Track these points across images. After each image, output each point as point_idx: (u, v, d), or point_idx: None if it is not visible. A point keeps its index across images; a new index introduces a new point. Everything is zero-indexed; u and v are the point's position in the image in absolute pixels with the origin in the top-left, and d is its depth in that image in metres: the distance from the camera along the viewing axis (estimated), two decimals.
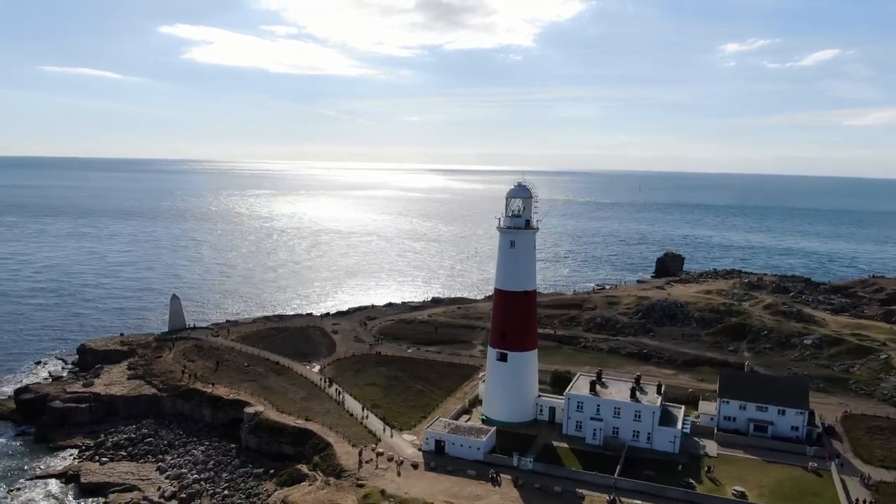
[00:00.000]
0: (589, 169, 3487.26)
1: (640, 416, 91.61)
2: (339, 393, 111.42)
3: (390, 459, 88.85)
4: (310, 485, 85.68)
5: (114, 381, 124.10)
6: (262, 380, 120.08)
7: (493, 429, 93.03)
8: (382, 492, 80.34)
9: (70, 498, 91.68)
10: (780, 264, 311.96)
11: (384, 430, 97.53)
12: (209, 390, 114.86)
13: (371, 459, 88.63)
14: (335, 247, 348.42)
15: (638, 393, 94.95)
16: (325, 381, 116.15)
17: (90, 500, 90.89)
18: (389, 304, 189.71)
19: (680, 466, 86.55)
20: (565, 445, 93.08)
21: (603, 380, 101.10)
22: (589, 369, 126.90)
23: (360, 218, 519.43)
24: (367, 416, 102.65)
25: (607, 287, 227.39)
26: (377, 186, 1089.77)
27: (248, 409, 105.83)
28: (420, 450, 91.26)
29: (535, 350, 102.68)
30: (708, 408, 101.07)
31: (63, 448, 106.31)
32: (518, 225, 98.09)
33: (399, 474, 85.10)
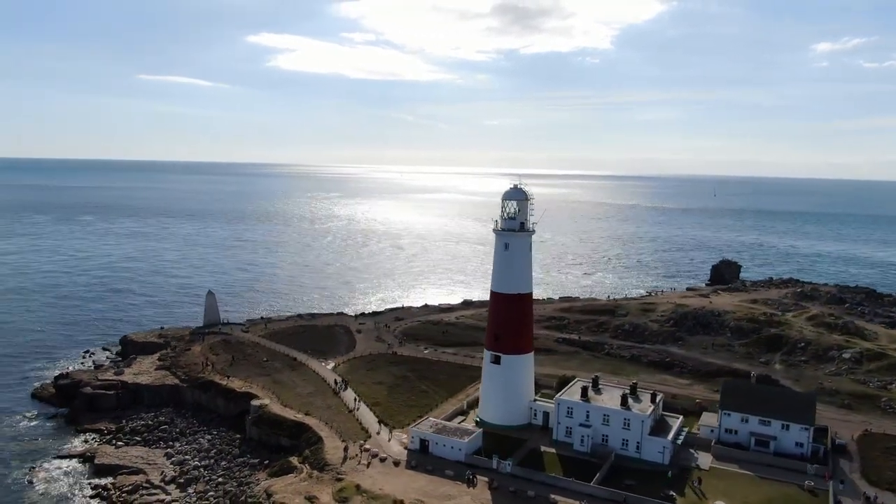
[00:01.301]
0: (666, 173, 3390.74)
1: (629, 425, 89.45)
2: (339, 384, 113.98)
3: (374, 456, 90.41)
4: (296, 477, 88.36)
5: (143, 371, 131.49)
6: (275, 374, 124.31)
7: (479, 431, 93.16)
8: (357, 486, 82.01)
9: (83, 477, 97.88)
10: (845, 274, 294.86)
11: (381, 428, 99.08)
12: (224, 382, 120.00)
13: (357, 455, 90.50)
14: (385, 248, 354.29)
15: (630, 400, 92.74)
16: (339, 383, 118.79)
17: (100, 479, 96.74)
18: (425, 306, 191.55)
19: (669, 474, 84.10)
20: (553, 451, 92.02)
21: (599, 386, 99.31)
22: (600, 375, 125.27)
23: (416, 220, 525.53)
24: (358, 408, 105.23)
25: (654, 294, 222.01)
26: (441, 190, 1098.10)
27: (255, 402, 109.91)
28: (406, 448, 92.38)
29: (531, 353, 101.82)
30: (710, 419, 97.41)
31: (88, 431, 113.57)
32: (512, 227, 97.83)
33: (379, 471, 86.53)
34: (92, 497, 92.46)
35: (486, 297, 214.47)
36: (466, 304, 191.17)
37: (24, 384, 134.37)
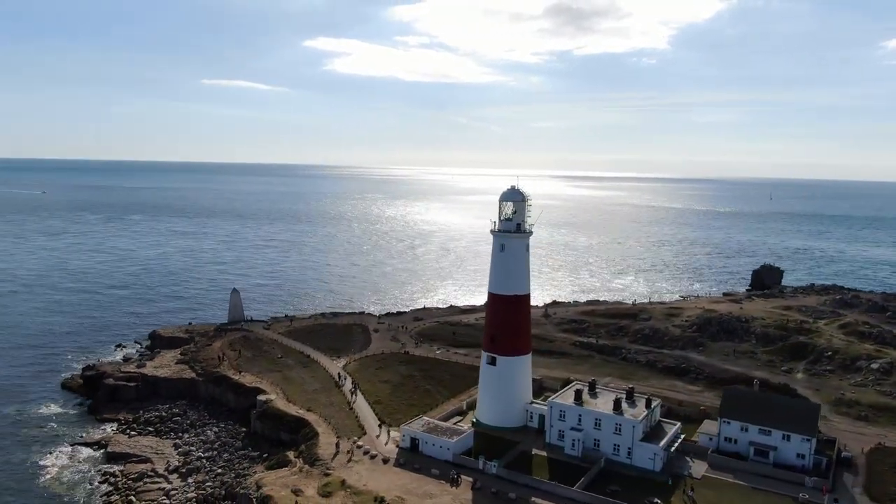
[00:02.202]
0: (724, 176, 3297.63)
1: (620, 430, 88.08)
2: (341, 377, 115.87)
3: (365, 453, 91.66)
4: (289, 470, 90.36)
5: (163, 365, 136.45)
6: (286, 371, 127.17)
7: (469, 431, 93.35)
8: (343, 482, 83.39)
9: (95, 464, 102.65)
10: (894, 280, 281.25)
11: (380, 426, 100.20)
12: (236, 377, 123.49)
13: (348, 451, 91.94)
14: (425, 249, 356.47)
15: (624, 405, 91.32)
16: (342, 377, 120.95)
17: (110, 466, 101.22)
18: (450, 307, 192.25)
19: (669, 482, 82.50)
20: (544, 454, 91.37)
21: (596, 390, 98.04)
22: (610, 380, 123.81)
23: (457, 222, 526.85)
24: (354, 400, 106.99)
25: (687, 299, 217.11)
26: (488, 191, 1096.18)
27: (261, 397, 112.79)
28: (398, 446, 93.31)
29: (528, 356, 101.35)
30: (710, 427, 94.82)
31: (108, 420, 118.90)
32: (508, 228, 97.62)
33: (367, 467, 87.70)
34: (100, 483, 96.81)
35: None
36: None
37: (56, 374, 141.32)
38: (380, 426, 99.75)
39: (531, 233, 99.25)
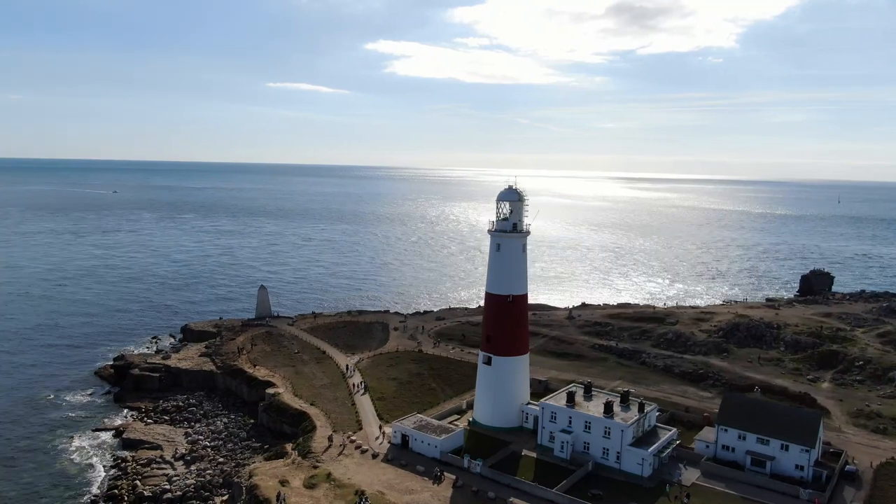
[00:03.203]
0: (794, 179, 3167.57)
1: (609, 433, 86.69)
2: (349, 369, 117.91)
3: (357, 448, 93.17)
4: (283, 461, 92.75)
5: (187, 357, 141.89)
6: (300, 366, 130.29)
7: (459, 430, 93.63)
8: (328, 475, 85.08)
9: (110, 449, 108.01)
10: None
11: (379, 422, 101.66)
12: (250, 371, 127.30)
13: (340, 445, 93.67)
14: (463, 249, 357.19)
15: (616, 408, 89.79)
16: (350, 368, 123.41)
17: (123, 452, 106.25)
18: (478, 308, 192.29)
19: (668, 488, 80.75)
20: (534, 455, 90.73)
21: (592, 392, 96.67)
22: (620, 383, 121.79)
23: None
24: (360, 391, 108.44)
25: (727, 303, 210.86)
26: (538, 193, 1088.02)
27: (269, 390, 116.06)
28: (390, 442, 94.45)
29: (524, 356, 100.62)
30: (709, 434, 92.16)
31: (130, 408, 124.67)
32: (504, 228, 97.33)
33: (356, 462, 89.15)
34: (111, 467, 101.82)
35: (539, 298, 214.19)
36: None
37: (91, 363, 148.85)
38: (383, 424, 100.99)
39: (528, 233, 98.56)
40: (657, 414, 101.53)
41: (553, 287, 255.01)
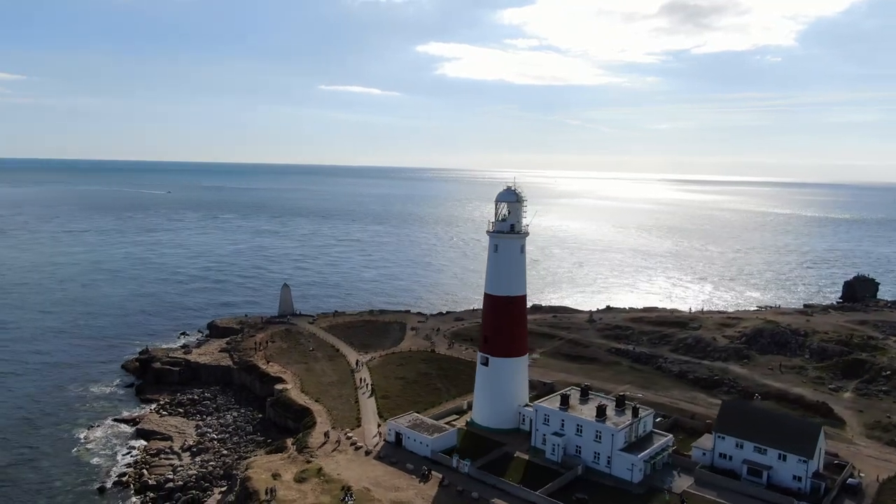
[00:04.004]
0: (858, 181, 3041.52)
1: (600, 437, 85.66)
2: (358, 364, 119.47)
3: (352, 445, 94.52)
4: (280, 456, 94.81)
5: (207, 352, 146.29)
6: (312, 363, 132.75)
7: (452, 430, 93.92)
8: (319, 469, 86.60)
9: (125, 439, 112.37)
10: None
11: (379, 420, 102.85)
12: (264, 367, 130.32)
13: (336, 441, 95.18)
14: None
15: (609, 412, 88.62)
16: (359, 363, 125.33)
17: (136, 442, 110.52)
18: None
19: (667, 496, 79.41)
20: (526, 457, 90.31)
21: (589, 395, 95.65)
22: (628, 388, 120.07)
23: (543, 225, 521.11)
24: (364, 389, 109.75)
25: (764, 309, 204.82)
26: (581, 195, 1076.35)
27: (278, 386, 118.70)
28: (384, 440, 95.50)
29: (522, 357, 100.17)
30: (707, 442, 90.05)
31: (149, 401, 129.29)
32: (502, 229, 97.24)
33: (349, 458, 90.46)
34: (123, 456, 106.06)
35: (566, 301, 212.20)
36: (535, 308, 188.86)
37: (119, 356, 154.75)
38: (378, 423, 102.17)
39: (527, 234, 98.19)
40: (658, 419, 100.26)
41: (581, 290, 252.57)
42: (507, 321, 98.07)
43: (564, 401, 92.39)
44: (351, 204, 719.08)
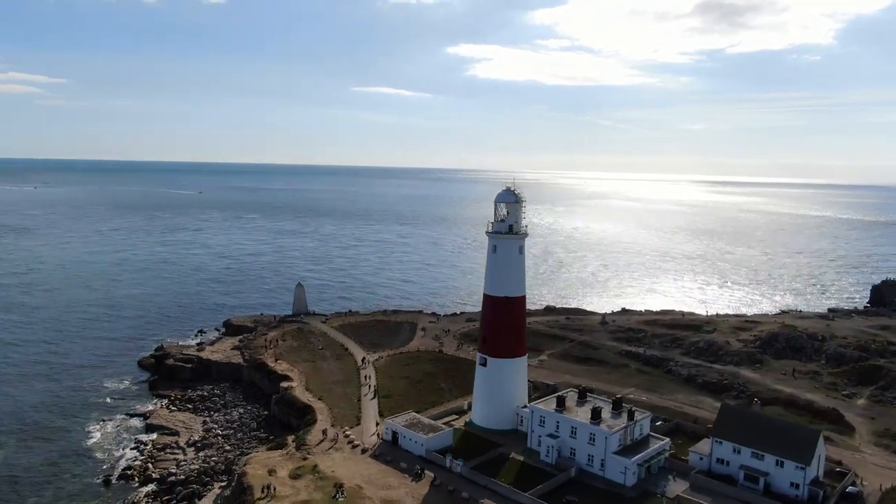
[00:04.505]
0: None
1: (594, 440, 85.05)
2: (365, 361, 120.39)
3: (349, 443, 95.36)
4: (279, 452, 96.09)
5: (220, 350, 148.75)
6: (320, 361, 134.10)
7: (448, 430, 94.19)
8: (315, 467, 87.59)
9: (134, 433, 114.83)
10: None
11: (378, 418, 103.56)
12: (272, 365, 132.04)
13: (333, 439, 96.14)
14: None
15: (604, 415, 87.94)
16: (365, 361, 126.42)
17: (144, 436, 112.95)
18: None
19: (664, 502, 78.64)
20: (521, 458, 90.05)
21: (587, 398, 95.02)
22: (633, 391, 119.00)
23: (568, 226, 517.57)
24: (368, 386, 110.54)
25: (790, 313, 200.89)
26: (609, 196, 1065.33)
27: (283, 384, 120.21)
28: (381, 438, 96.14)
29: (520, 359, 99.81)
30: (705, 447, 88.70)
31: (161, 396, 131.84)
32: (500, 230, 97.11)
33: (345, 456, 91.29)
34: (131, 449, 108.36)
35: (583, 303, 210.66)
36: (549, 309, 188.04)
37: (137, 352, 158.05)
38: (377, 422, 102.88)
39: (526, 234, 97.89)
40: (659, 423, 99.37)
41: (599, 292, 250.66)
42: (505, 322, 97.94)
43: (560, 402, 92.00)
44: (376, 204, 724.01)
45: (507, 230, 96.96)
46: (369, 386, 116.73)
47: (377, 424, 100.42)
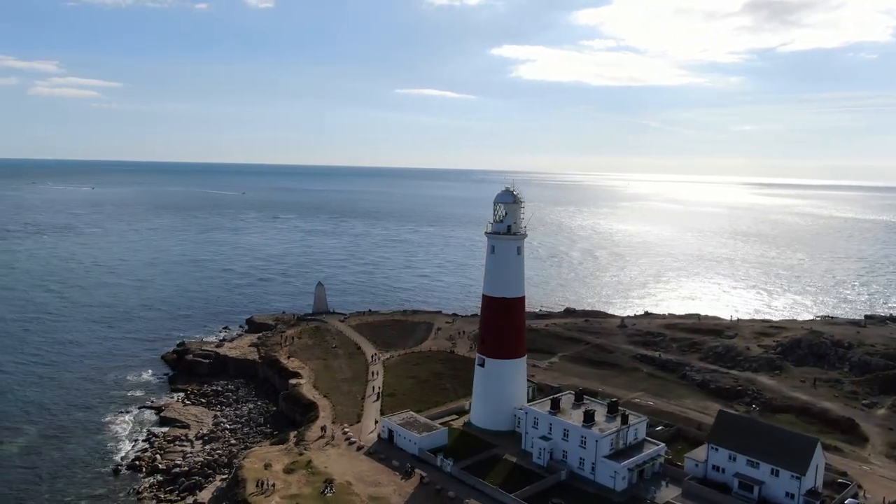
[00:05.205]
0: None
1: (585, 443, 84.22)
2: (374, 357, 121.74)
3: (347, 440, 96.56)
4: (278, 447, 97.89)
5: (238, 347, 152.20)
6: (331, 359, 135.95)
7: (443, 429, 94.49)
8: (309, 462, 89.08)
9: (148, 425, 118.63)
10: None
11: (379, 417, 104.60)
12: (284, 362, 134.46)
13: (331, 436, 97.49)
14: (556, 254, 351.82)
15: (597, 418, 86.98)
16: (375, 357, 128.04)
17: (157, 428, 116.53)
18: (529, 312, 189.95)
19: None
20: (514, 460, 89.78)
21: (583, 400, 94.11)
22: (641, 395, 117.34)
23: (603, 228, 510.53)
24: (371, 382, 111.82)
25: (824, 319, 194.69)
26: (650, 198, 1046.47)
27: (292, 381, 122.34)
28: (378, 436, 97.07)
29: (519, 360, 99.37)
30: (701, 454, 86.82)
31: (178, 390, 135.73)
32: (498, 230, 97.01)
33: (340, 452, 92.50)
34: (143, 441, 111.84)
35: (603, 305, 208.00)
36: (568, 311, 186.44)
37: (161, 348, 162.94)
38: (375, 420, 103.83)
39: (524, 235, 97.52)
40: (659, 428, 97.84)
41: (621, 294, 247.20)
42: (503, 323, 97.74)
43: (555, 404, 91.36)
44: (412, 205, 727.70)
45: (506, 231, 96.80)
46: (373, 387, 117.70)
47: (375, 423, 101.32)
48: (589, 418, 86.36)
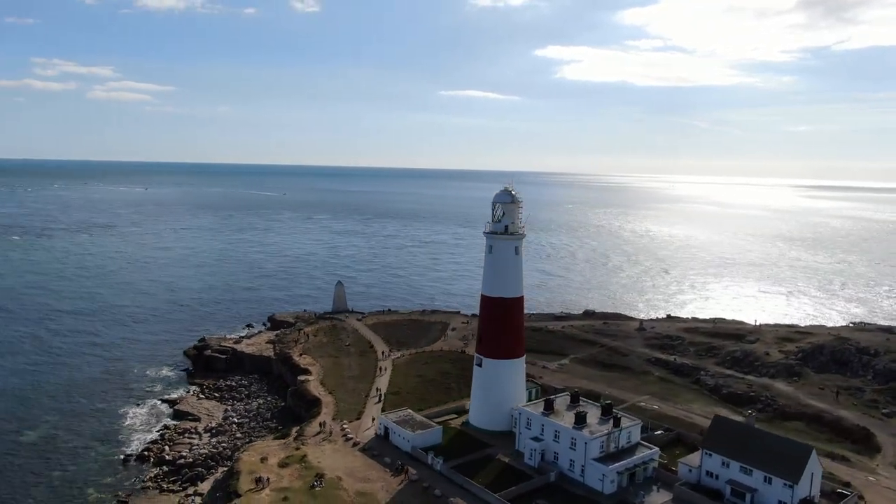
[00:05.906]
0: None
1: (574, 445, 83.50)
2: (385, 354, 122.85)
3: (344, 436, 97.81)
4: (278, 442, 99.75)
5: (255, 343, 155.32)
6: (342, 357, 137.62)
7: (438, 428, 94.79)
8: (303, 457, 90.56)
9: (161, 417, 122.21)
10: None
11: (379, 414, 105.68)
12: (296, 359, 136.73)
13: (329, 432, 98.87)
14: (594, 257, 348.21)
15: (589, 419, 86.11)
16: (385, 354, 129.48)
17: (170, 421, 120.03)
18: (548, 314, 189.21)
19: None
20: (506, 460, 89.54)
21: (579, 402, 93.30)
22: (648, 398, 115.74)
23: (642, 230, 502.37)
24: (378, 377, 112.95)
25: (855, 324, 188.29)
26: (693, 200, 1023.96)
27: (300, 377, 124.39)
28: (375, 433, 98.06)
29: (518, 360, 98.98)
30: (697, 459, 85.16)
31: (195, 385, 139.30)
32: (496, 230, 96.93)
33: (336, 448, 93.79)
34: (156, 432, 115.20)
35: (627, 308, 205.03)
36: (587, 313, 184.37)
37: (185, 343, 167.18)
38: (373, 417, 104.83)
39: (523, 235, 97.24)
40: (659, 433, 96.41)
41: (646, 297, 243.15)
42: (501, 323, 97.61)
43: (549, 405, 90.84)
44: (446, 207, 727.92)
45: (504, 230, 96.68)
46: (377, 386, 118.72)
47: (373, 419, 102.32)
48: (580, 420, 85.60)
